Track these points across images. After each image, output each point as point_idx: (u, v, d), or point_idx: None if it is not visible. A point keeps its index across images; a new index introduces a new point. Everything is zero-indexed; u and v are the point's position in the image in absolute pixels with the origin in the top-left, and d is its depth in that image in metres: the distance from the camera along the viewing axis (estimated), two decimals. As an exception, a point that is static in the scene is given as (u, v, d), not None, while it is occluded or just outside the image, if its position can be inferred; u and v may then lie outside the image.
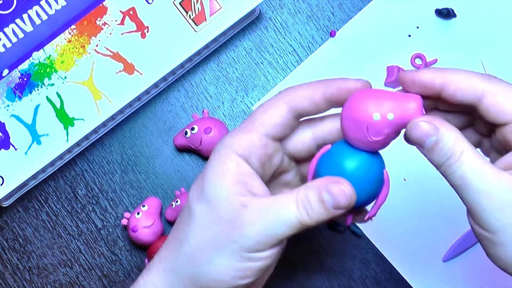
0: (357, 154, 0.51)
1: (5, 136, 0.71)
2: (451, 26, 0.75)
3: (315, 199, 0.49)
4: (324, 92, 0.51)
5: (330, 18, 0.76)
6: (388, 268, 0.72)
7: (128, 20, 0.72)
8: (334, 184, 0.49)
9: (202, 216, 0.51)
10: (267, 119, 0.52)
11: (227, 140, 0.52)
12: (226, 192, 0.50)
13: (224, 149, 0.51)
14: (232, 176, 0.51)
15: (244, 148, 0.51)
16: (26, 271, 0.74)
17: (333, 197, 0.49)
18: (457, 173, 0.48)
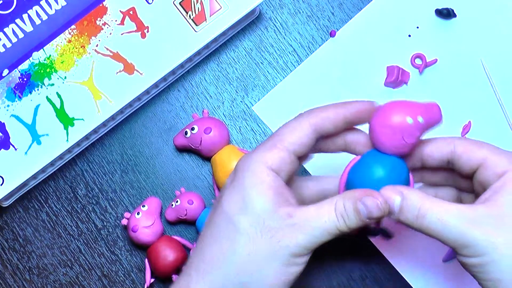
0: (388, 160, 0.57)
1: (5, 136, 0.71)
2: (451, 26, 0.75)
3: (351, 209, 0.54)
4: (345, 114, 0.57)
5: (330, 18, 0.76)
6: (388, 268, 0.72)
7: (128, 20, 0.72)
8: (369, 197, 0.54)
9: (250, 228, 0.54)
10: (295, 139, 0.56)
11: (257, 156, 0.56)
12: (271, 203, 0.54)
13: (257, 164, 0.55)
14: (273, 189, 0.55)
15: (277, 164, 0.56)
16: (26, 271, 0.74)
17: (367, 208, 0.54)
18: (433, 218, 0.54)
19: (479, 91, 0.73)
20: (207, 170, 0.74)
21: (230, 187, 0.56)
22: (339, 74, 0.75)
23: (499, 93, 0.73)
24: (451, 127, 0.73)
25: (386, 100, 0.74)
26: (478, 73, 0.74)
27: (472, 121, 0.73)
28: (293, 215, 0.54)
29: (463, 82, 0.74)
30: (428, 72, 0.74)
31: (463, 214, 0.54)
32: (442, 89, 0.74)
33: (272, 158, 0.55)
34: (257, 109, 0.75)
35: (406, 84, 0.74)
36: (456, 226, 0.53)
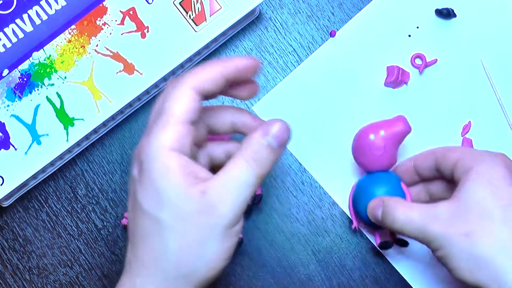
0: (377, 176, 0.67)
1: (5, 136, 0.71)
2: (451, 26, 0.75)
3: (262, 148, 0.54)
4: (223, 72, 0.56)
5: (330, 18, 0.76)
6: (388, 268, 0.72)
7: (128, 20, 0.72)
8: (270, 126, 0.54)
9: (172, 221, 0.53)
10: (182, 108, 0.54)
11: (155, 141, 0.54)
12: (183, 188, 0.52)
13: (158, 149, 0.53)
14: (180, 171, 0.53)
15: (176, 141, 0.53)
16: (26, 271, 0.74)
17: (277, 136, 0.54)
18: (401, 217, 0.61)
19: (479, 91, 0.73)
20: (207, 170, 0.74)
21: (140, 181, 0.54)
22: (339, 74, 0.75)
23: (499, 93, 0.73)
24: (451, 127, 0.73)
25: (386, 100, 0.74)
26: (478, 73, 0.74)
27: (472, 121, 0.73)
28: (206, 189, 0.52)
29: (463, 82, 0.74)
30: (428, 72, 0.74)
31: (425, 212, 0.60)
32: (442, 89, 0.74)
33: (170, 138, 0.53)
34: (257, 109, 0.75)
35: (406, 84, 0.74)
36: (418, 223, 0.59)
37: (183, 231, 0.53)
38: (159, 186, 0.53)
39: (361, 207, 0.67)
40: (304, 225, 0.73)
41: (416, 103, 0.73)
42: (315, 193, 0.73)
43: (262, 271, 0.73)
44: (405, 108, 0.73)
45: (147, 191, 0.54)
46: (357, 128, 0.69)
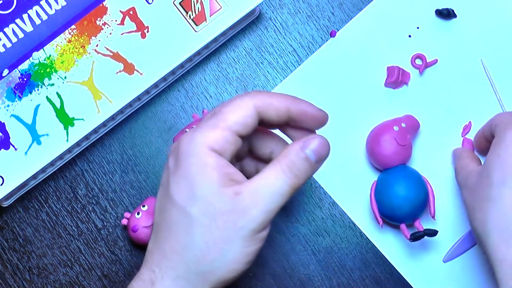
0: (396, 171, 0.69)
1: (5, 136, 0.71)
2: (451, 27, 0.75)
3: (299, 159, 0.54)
4: (289, 107, 0.56)
5: (330, 18, 0.76)
6: (388, 268, 0.72)
7: (128, 20, 0.72)
8: (311, 140, 0.55)
9: (202, 216, 0.53)
10: (237, 118, 0.55)
11: (199, 137, 0.54)
12: (217, 187, 0.53)
13: (200, 146, 0.54)
14: (217, 171, 0.53)
15: (219, 144, 0.54)
16: (26, 271, 0.74)
17: (315, 151, 0.55)
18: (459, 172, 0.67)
19: (479, 91, 0.73)
20: (207, 170, 0.74)
21: (175, 173, 0.55)
22: (339, 74, 0.75)
23: (499, 93, 0.73)
24: (452, 127, 0.73)
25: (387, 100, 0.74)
26: (478, 73, 0.74)
27: (472, 121, 0.73)
28: (240, 191, 0.53)
29: (463, 82, 0.74)
30: (428, 72, 0.74)
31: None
32: (442, 89, 0.74)
33: (215, 139, 0.54)
34: (257, 109, 0.75)
35: (407, 84, 0.74)
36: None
37: (211, 228, 0.53)
38: (194, 180, 0.53)
39: (384, 203, 0.68)
40: (304, 225, 0.73)
41: (416, 103, 0.73)
42: (315, 193, 0.73)
43: (262, 271, 0.73)
44: (406, 109, 0.73)
45: (180, 184, 0.54)
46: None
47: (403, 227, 0.69)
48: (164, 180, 0.57)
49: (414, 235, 0.68)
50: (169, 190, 0.55)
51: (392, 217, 0.69)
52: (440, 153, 0.73)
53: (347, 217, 0.73)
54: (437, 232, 0.68)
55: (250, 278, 0.73)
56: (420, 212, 0.69)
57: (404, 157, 0.69)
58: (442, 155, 0.73)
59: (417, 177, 0.69)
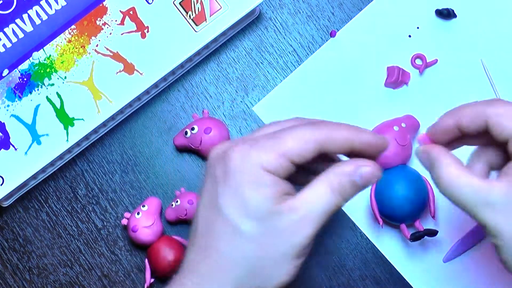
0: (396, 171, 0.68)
1: (5, 136, 0.71)
2: (451, 27, 0.75)
3: (349, 185, 0.54)
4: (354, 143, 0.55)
5: (330, 18, 0.76)
6: (388, 268, 0.72)
7: (128, 20, 0.72)
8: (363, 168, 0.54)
9: (256, 233, 0.53)
10: (296, 150, 0.54)
11: (254, 157, 0.54)
12: (273, 204, 0.53)
13: (254, 166, 0.54)
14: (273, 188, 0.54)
15: (273, 167, 0.54)
16: (26, 271, 0.74)
17: (364, 178, 0.54)
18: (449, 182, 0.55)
19: (479, 91, 0.73)
20: (207, 170, 0.74)
21: (225, 185, 0.54)
22: (339, 74, 0.75)
23: (499, 93, 0.73)
24: (451, 127, 0.73)
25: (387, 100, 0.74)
26: (478, 73, 0.74)
27: (472, 121, 0.73)
28: (295, 207, 0.53)
29: (463, 82, 0.74)
30: (428, 72, 0.74)
31: (478, 191, 0.54)
32: (442, 89, 0.74)
33: (269, 162, 0.54)
34: (257, 110, 0.75)
35: (407, 84, 0.74)
36: (470, 201, 0.54)
37: (265, 244, 0.53)
38: (247, 198, 0.53)
39: (384, 203, 0.68)
40: (304, 225, 0.73)
41: (416, 103, 0.73)
42: (315, 193, 0.73)
43: (262, 271, 0.73)
44: (406, 109, 0.73)
45: (232, 199, 0.54)
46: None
47: (403, 227, 0.69)
48: (209, 187, 0.56)
49: (414, 235, 0.68)
50: (218, 203, 0.55)
51: (392, 217, 0.69)
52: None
53: (347, 217, 0.73)
54: (437, 232, 0.68)
55: (250, 278, 0.72)
56: (420, 212, 0.69)
57: (404, 157, 0.69)
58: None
59: (417, 177, 0.69)
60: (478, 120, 0.56)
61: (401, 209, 0.68)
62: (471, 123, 0.56)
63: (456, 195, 0.55)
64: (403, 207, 0.68)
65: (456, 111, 0.57)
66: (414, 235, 0.68)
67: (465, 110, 0.57)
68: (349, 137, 0.55)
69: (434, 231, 0.68)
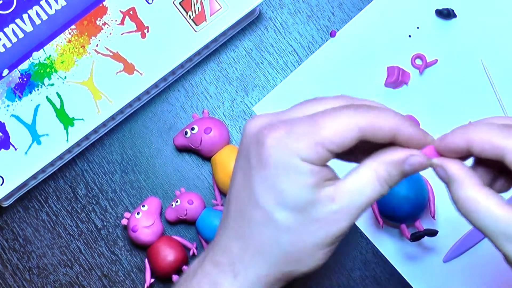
0: None
1: (5, 136, 0.71)
2: (451, 27, 0.75)
3: (396, 173, 0.52)
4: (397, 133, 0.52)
5: (330, 18, 0.76)
6: (388, 268, 0.72)
7: (128, 20, 0.72)
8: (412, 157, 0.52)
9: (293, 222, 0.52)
10: (337, 139, 0.51)
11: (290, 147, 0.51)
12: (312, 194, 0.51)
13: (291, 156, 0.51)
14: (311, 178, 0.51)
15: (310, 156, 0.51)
16: (26, 271, 0.74)
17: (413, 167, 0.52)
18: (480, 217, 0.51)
19: (479, 91, 0.73)
20: (207, 170, 0.74)
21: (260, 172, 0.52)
22: (339, 74, 0.75)
23: (499, 93, 0.73)
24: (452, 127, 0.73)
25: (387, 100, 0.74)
26: (478, 73, 0.74)
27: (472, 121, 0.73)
28: (335, 197, 0.51)
29: (463, 82, 0.74)
30: (428, 72, 0.74)
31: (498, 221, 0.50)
32: (442, 89, 0.74)
33: (306, 152, 0.51)
34: (257, 110, 0.75)
35: (407, 84, 0.74)
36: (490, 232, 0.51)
37: (303, 234, 0.52)
38: (285, 189, 0.51)
39: (384, 203, 0.68)
40: (304, 225, 0.73)
41: (416, 103, 0.73)
42: (315, 193, 0.73)
43: (262, 271, 0.73)
44: (406, 109, 0.73)
45: (268, 188, 0.52)
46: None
47: (403, 227, 0.69)
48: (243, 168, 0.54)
49: (414, 235, 0.68)
50: (253, 189, 0.53)
51: (392, 217, 0.69)
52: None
53: (347, 217, 0.73)
54: (437, 232, 0.68)
55: (250, 278, 0.72)
56: (420, 212, 0.69)
57: None
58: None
59: (417, 177, 0.69)
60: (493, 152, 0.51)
61: (401, 209, 0.68)
62: (484, 152, 0.51)
63: (475, 220, 0.52)
64: (403, 207, 0.68)
65: (468, 133, 0.52)
66: (414, 235, 0.68)
67: (478, 135, 0.51)
68: (395, 128, 0.51)
69: (434, 231, 0.68)
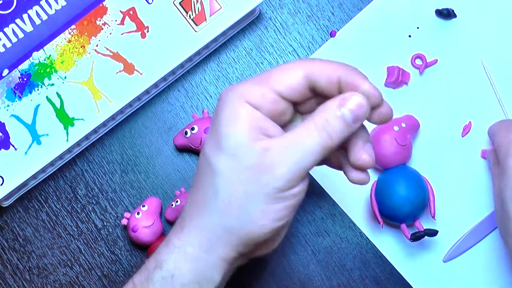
0: (396, 171, 0.69)
1: (5, 136, 0.71)
2: (451, 27, 0.75)
3: (334, 117, 0.51)
4: (341, 76, 0.52)
5: (330, 18, 0.76)
6: (388, 268, 0.72)
7: (128, 20, 0.72)
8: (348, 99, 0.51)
9: (225, 168, 0.51)
10: (282, 79, 0.52)
11: (238, 89, 0.52)
12: (245, 139, 0.51)
13: (235, 97, 0.52)
14: (248, 123, 0.51)
15: (256, 99, 0.52)
16: (26, 271, 0.74)
17: (351, 110, 0.51)
18: None
19: (479, 91, 0.73)
20: (207, 170, 0.74)
21: (211, 124, 0.53)
22: (339, 74, 0.75)
23: (499, 93, 0.73)
24: (452, 127, 0.73)
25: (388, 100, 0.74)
26: (478, 73, 0.74)
27: (472, 121, 0.73)
28: (270, 147, 0.50)
29: (463, 82, 0.74)
30: (428, 72, 0.74)
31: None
32: (442, 89, 0.74)
33: (252, 93, 0.51)
34: (257, 109, 0.75)
35: (407, 84, 0.74)
36: None
37: (234, 181, 0.51)
38: (222, 132, 0.51)
39: (384, 203, 0.68)
40: (304, 225, 0.73)
41: (416, 103, 0.73)
42: (315, 193, 0.73)
43: (262, 271, 0.73)
44: (406, 109, 0.73)
45: (212, 135, 0.53)
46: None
47: (403, 227, 0.69)
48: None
49: (414, 235, 0.68)
50: (204, 144, 0.54)
51: (392, 217, 0.69)
52: (440, 153, 0.73)
53: (347, 217, 0.73)
54: (437, 232, 0.68)
55: (250, 278, 0.73)
56: (420, 212, 0.69)
57: (404, 157, 0.69)
58: (442, 155, 0.73)
59: (417, 177, 0.69)
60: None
61: (401, 209, 0.68)
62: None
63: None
64: (403, 207, 0.68)
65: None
66: (414, 235, 0.68)
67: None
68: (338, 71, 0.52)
69: (434, 231, 0.68)
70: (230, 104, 0.52)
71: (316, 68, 0.52)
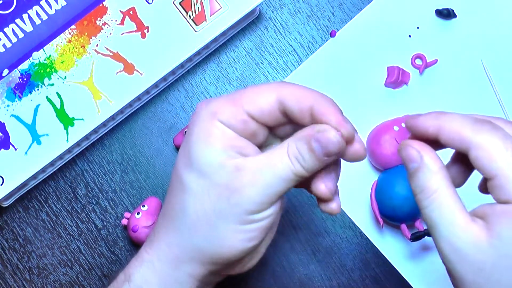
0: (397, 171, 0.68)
1: (5, 136, 0.71)
2: (451, 27, 0.75)
3: (305, 150, 0.50)
4: (314, 105, 0.51)
5: (330, 18, 0.76)
6: (388, 268, 0.72)
7: (128, 20, 0.72)
8: (321, 133, 0.50)
9: (195, 185, 0.51)
10: (254, 99, 0.51)
11: (211, 106, 0.52)
12: (217, 158, 0.50)
13: (208, 115, 0.51)
14: (220, 141, 0.51)
15: (226, 117, 0.51)
16: (26, 271, 0.74)
17: (322, 144, 0.49)
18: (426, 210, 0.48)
19: (479, 91, 0.73)
20: (207, 170, 0.74)
21: (184, 142, 0.53)
22: (339, 74, 0.75)
23: (499, 93, 0.73)
24: (451, 127, 0.73)
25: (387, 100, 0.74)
26: (478, 73, 0.74)
27: (472, 121, 0.73)
28: (242, 167, 0.50)
29: (463, 82, 0.74)
30: (428, 72, 0.74)
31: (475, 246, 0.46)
32: (442, 89, 0.74)
33: (224, 111, 0.51)
34: (257, 109, 0.75)
35: (407, 84, 0.74)
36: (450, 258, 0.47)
37: (203, 199, 0.50)
38: (194, 150, 0.51)
39: (384, 203, 0.68)
40: (304, 225, 0.73)
41: (416, 103, 0.73)
42: (315, 193, 0.73)
43: (262, 271, 0.73)
44: (406, 109, 0.73)
45: (184, 150, 0.52)
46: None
47: (403, 227, 0.69)
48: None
49: (414, 235, 0.68)
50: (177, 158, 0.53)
51: (392, 217, 0.69)
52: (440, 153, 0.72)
53: (347, 217, 0.73)
54: None
55: (250, 278, 0.73)
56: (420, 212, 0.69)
57: None
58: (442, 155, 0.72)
59: None
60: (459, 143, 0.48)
61: (401, 209, 0.68)
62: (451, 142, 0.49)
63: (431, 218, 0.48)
64: (403, 207, 0.68)
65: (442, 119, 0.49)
66: (414, 235, 0.68)
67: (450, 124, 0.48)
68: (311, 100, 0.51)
69: None
70: (202, 122, 0.51)
71: (289, 93, 0.52)
